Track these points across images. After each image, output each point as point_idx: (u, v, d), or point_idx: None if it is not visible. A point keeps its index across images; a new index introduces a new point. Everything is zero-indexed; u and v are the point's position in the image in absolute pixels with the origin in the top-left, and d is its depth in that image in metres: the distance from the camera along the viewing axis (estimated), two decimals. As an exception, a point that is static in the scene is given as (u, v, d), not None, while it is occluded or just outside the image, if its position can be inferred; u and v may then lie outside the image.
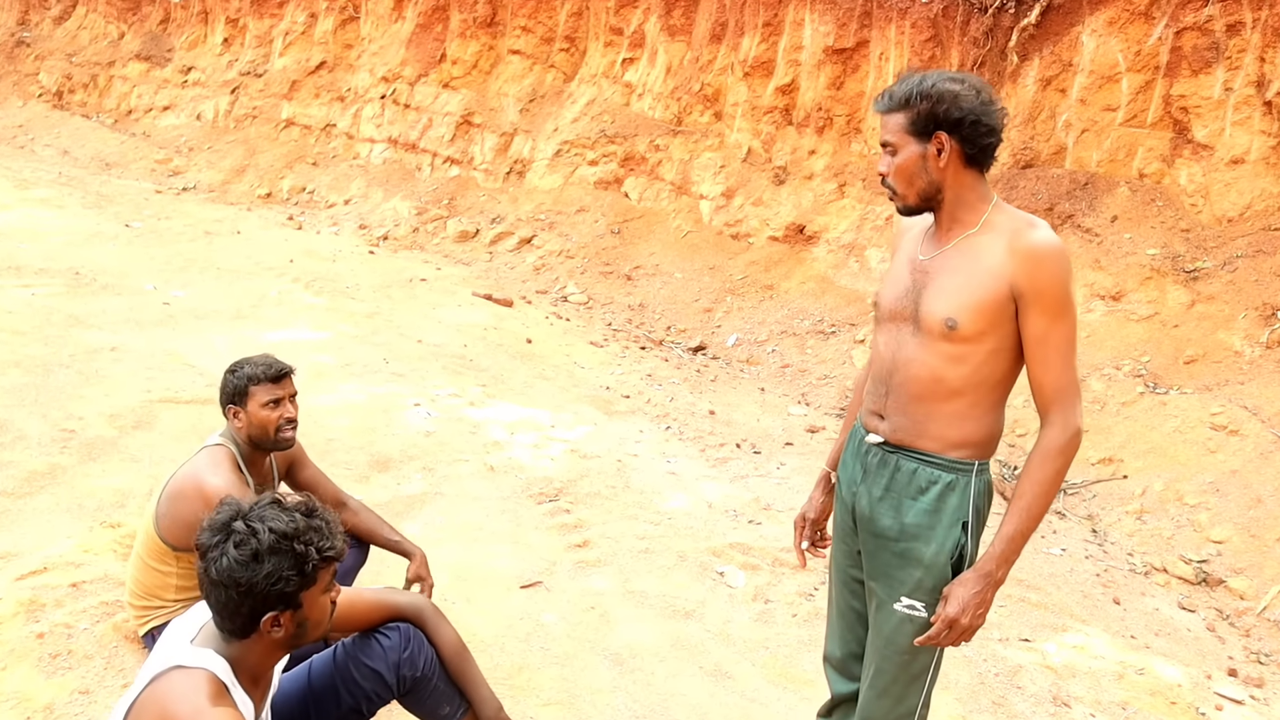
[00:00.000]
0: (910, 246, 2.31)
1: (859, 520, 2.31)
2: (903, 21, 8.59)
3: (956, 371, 2.12)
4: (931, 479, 2.17)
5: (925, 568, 2.18)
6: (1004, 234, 2.11)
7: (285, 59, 12.96)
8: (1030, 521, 2.08)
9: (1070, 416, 2.08)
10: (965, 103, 2.10)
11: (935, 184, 2.17)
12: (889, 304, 2.27)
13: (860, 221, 8.63)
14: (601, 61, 10.75)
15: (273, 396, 2.95)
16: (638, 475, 5.19)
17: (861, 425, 2.35)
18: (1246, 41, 7.06)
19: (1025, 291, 2.05)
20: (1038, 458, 2.09)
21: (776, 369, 7.61)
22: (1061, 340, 2.06)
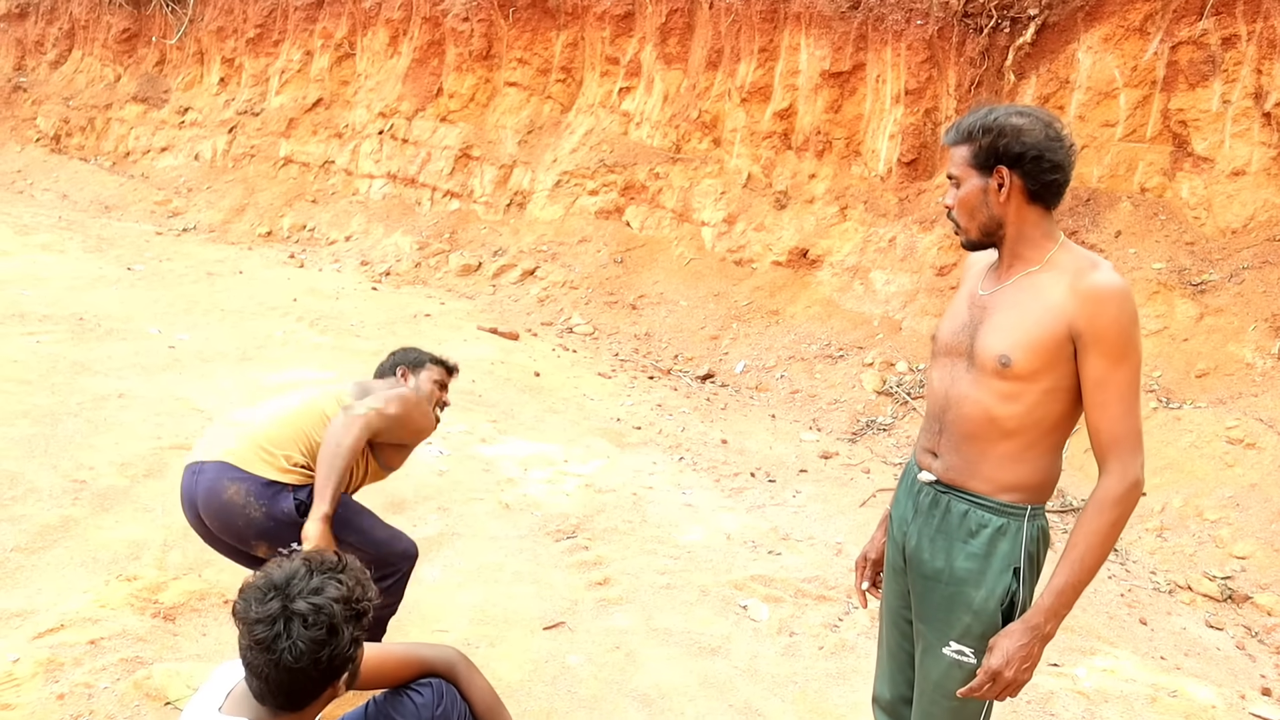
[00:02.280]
0: (972, 282, 2.26)
1: (909, 560, 2.26)
2: (898, 44, 8.62)
3: (1009, 410, 2.06)
4: (982, 522, 2.12)
5: (974, 613, 2.12)
6: (1066, 273, 2.04)
7: (282, 97, 13.00)
8: (1084, 574, 1.99)
9: (1129, 466, 1.99)
10: (1028, 137, 2.05)
11: (996, 219, 2.12)
12: (946, 338, 2.22)
13: (863, 244, 8.63)
14: (598, 91, 10.78)
15: (443, 380, 3.34)
16: (654, 508, 5.15)
17: (915, 462, 2.31)
18: (1242, 54, 7.09)
19: (1084, 333, 1.99)
20: (1093, 508, 2.01)
21: (786, 395, 7.58)
22: (1122, 385, 1.99)
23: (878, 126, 8.88)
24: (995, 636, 2.05)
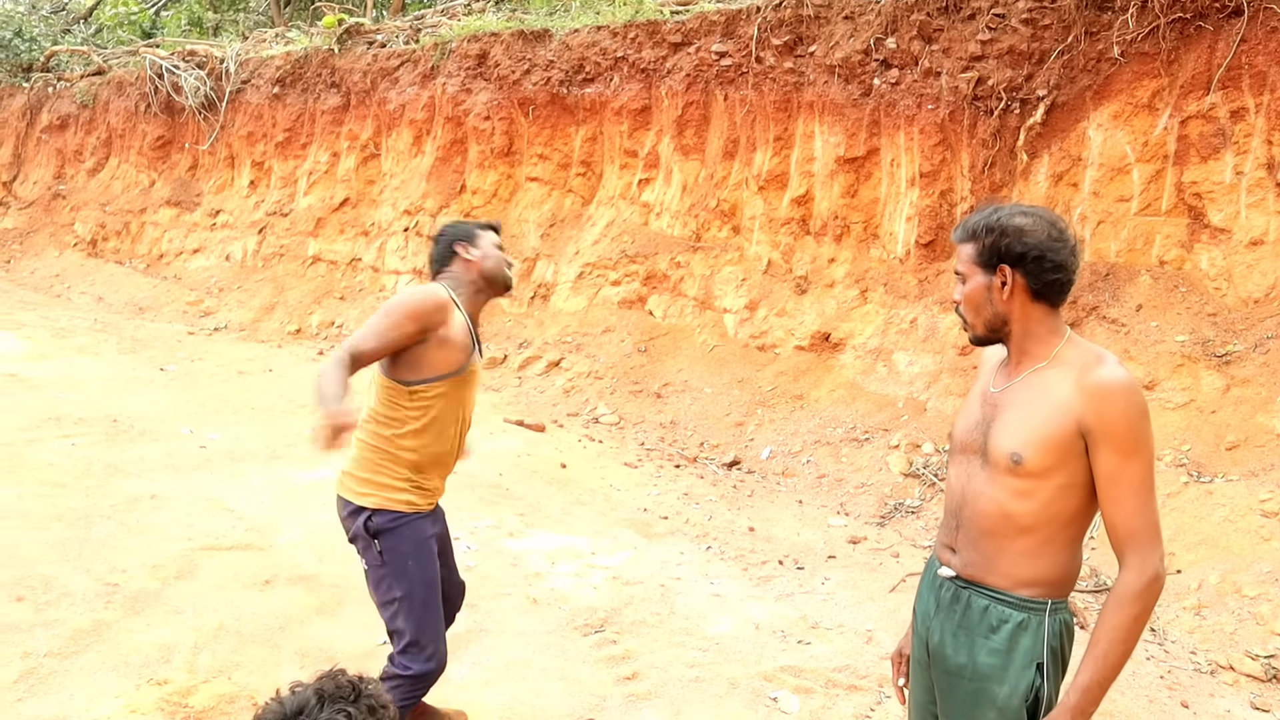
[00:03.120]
0: (985, 379, 2.31)
1: (932, 655, 2.26)
2: (911, 128, 8.77)
3: (1024, 507, 2.08)
4: (1002, 618, 2.12)
5: (999, 709, 2.11)
6: (1073, 369, 2.08)
7: (310, 198, 13.34)
8: (1108, 671, 1.99)
9: (1147, 560, 2.00)
10: (1030, 238, 2.10)
11: (1001, 316, 2.17)
12: (960, 436, 2.26)
13: (885, 326, 8.67)
14: (618, 183, 10.99)
15: (498, 242, 3.21)
16: (682, 599, 5.12)
17: (935, 556, 2.32)
18: (1252, 126, 7.16)
19: (1094, 429, 2.01)
20: (1113, 604, 2.01)
21: (813, 480, 7.56)
22: (1135, 479, 2.00)
23: (894, 209, 8.99)
24: None
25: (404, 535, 3.06)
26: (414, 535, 3.07)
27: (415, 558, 3.05)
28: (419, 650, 3.07)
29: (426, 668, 3.08)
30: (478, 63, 11.83)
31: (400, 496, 3.06)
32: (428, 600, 3.07)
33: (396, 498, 3.06)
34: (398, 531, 3.06)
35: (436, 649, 3.11)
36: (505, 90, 11.42)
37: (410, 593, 3.04)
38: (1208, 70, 7.28)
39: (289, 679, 3.85)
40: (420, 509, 3.11)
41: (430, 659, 3.09)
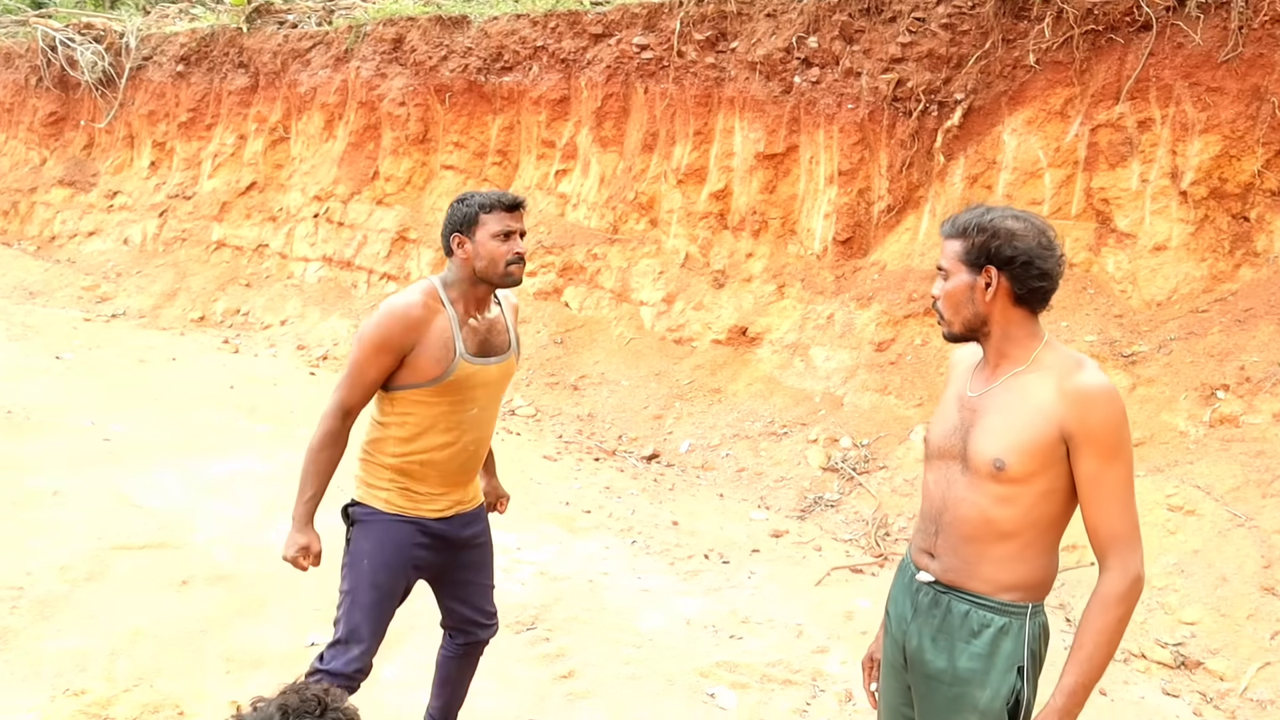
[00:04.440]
0: (960, 381, 2.30)
1: (910, 659, 2.27)
2: (830, 126, 8.88)
3: (1006, 513, 2.10)
4: (984, 622, 2.14)
5: (980, 713, 2.14)
6: (1053, 373, 2.09)
7: (214, 181, 12.90)
8: (1093, 672, 2.03)
9: (1129, 562, 2.04)
10: (1020, 242, 2.10)
11: (981, 316, 2.17)
12: (938, 441, 2.25)
13: (802, 321, 8.77)
14: (535, 174, 10.89)
15: (505, 228, 2.88)
16: (611, 595, 5.11)
17: (911, 562, 2.33)
18: (1158, 136, 7.44)
19: (1076, 434, 2.03)
20: (1096, 606, 2.04)
21: (733, 473, 7.62)
22: (1116, 483, 2.04)
23: (812, 206, 9.10)
24: None
25: (371, 532, 2.96)
26: (382, 534, 2.96)
27: (373, 557, 2.94)
28: (344, 650, 2.96)
29: (345, 669, 2.95)
30: (393, 47, 11.58)
31: (379, 494, 2.98)
32: (372, 604, 2.95)
33: (376, 494, 2.98)
34: (367, 526, 2.97)
35: (362, 655, 2.97)
36: (421, 76, 11.20)
37: (354, 590, 2.96)
38: (1117, 81, 7.54)
39: (214, 685, 3.73)
40: (403, 511, 2.97)
41: (351, 663, 2.96)
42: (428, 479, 2.98)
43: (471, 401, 2.96)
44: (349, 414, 2.92)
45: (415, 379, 2.86)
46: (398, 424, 2.93)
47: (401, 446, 2.94)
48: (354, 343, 2.89)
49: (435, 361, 2.85)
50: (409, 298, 2.88)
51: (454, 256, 2.94)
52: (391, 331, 2.83)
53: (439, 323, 2.88)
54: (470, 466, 3.05)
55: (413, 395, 2.89)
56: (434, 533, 3.03)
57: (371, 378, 2.86)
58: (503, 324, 3.08)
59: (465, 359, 2.90)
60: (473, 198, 2.92)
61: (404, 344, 2.83)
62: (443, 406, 2.92)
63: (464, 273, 2.92)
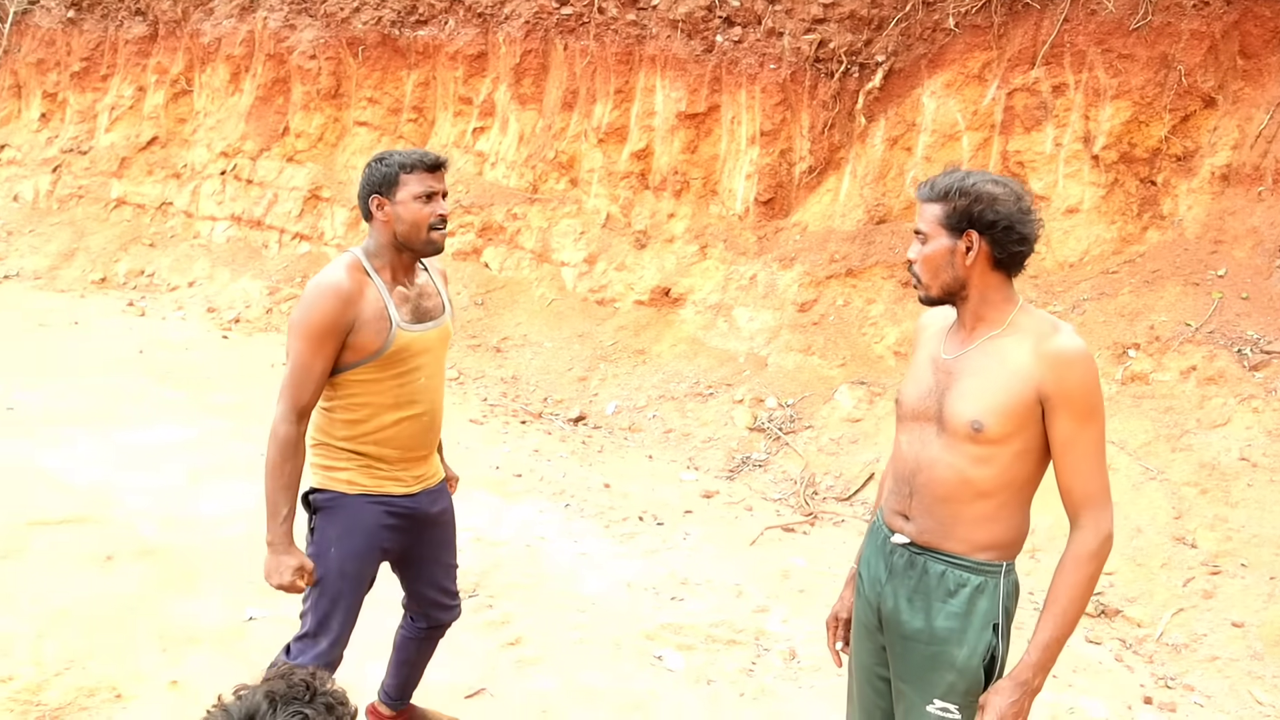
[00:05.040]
0: (932, 344, 2.32)
1: (885, 620, 2.31)
2: (752, 86, 8.89)
3: (983, 473, 2.13)
4: (960, 582, 2.19)
5: (958, 671, 2.19)
6: (1029, 336, 2.13)
7: (113, 135, 12.32)
8: (1066, 627, 2.09)
9: (1101, 520, 2.10)
10: (1002, 207, 2.12)
11: (960, 280, 2.19)
12: (911, 403, 2.28)
13: (725, 282, 8.82)
14: (452, 131, 10.68)
15: (426, 189, 2.74)
16: (550, 560, 5.10)
17: (884, 524, 2.36)
18: (1071, 101, 7.63)
19: (1052, 395, 2.07)
20: (1070, 562, 2.10)
21: (660, 434, 7.65)
22: (1090, 443, 2.09)
23: (734, 167, 9.11)
24: (986, 695, 2.12)
25: (336, 518, 2.83)
26: (348, 519, 2.83)
27: (341, 545, 2.82)
28: (313, 643, 2.85)
29: (315, 664, 2.78)
30: (301, -3, 11.18)
31: (340, 475, 2.83)
32: (342, 595, 2.84)
33: (336, 477, 2.84)
34: (333, 512, 2.84)
35: (332, 648, 2.88)
36: (333, 29, 10.84)
37: (323, 581, 2.82)
38: (1033, 46, 7.70)
39: (150, 664, 3.63)
40: (368, 490, 2.84)
41: (321, 656, 2.86)
42: (387, 456, 2.86)
43: (417, 371, 2.84)
44: (303, 415, 2.73)
45: (355, 357, 2.72)
46: (343, 406, 2.80)
47: (352, 429, 2.81)
48: (291, 336, 2.70)
49: (374, 334, 2.72)
50: (334, 273, 2.72)
51: (373, 220, 2.79)
52: (330, 312, 2.67)
53: (370, 294, 2.74)
54: (429, 439, 2.96)
55: (356, 375, 2.75)
56: (401, 511, 2.91)
57: (320, 369, 2.69)
58: (432, 288, 2.96)
59: (402, 327, 2.76)
60: (391, 156, 2.76)
61: (344, 322, 2.68)
62: (389, 381, 2.79)
63: (385, 238, 2.78)
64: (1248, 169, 7.23)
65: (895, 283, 7.99)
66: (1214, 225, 7.28)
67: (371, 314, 2.71)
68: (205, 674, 3.66)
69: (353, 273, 2.73)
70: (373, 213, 2.77)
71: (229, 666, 3.72)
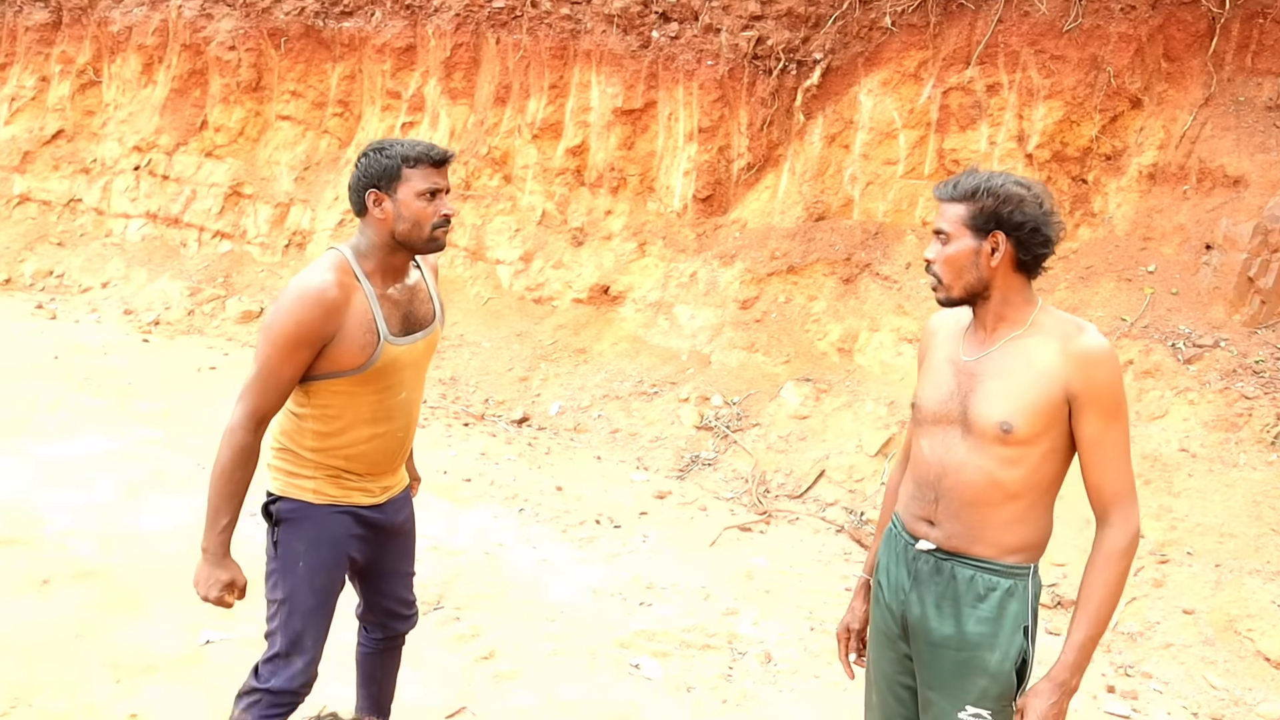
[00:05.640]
0: (948, 347, 2.28)
1: (911, 628, 2.27)
2: (690, 83, 8.84)
3: (1012, 475, 2.11)
4: (990, 586, 2.16)
5: (990, 676, 2.16)
6: (1054, 336, 2.11)
7: (14, 127, 11.70)
8: (1100, 626, 2.08)
9: (1131, 517, 2.10)
10: (1029, 209, 2.10)
11: (984, 281, 2.15)
12: (932, 407, 2.23)
13: (665, 279, 8.77)
14: (380, 126, 10.41)
15: (431, 185, 2.52)
16: (510, 568, 4.99)
17: (905, 530, 2.31)
18: (1005, 101, 7.76)
19: (1080, 394, 2.07)
20: (1101, 560, 2.10)
21: (606, 435, 7.56)
22: (1118, 442, 2.09)
23: (671, 163, 9.06)
24: (1025, 698, 2.10)
25: (302, 529, 2.63)
26: (315, 531, 2.63)
27: (309, 558, 2.63)
28: (286, 664, 2.66)
29: (290, 685, 2.67)
30: (218, -14, 10.77)
31: (306, 484, 2.63)
32: (314, 610, 2.66)
33: (302, 485, 2.63)
34: (296, 524, 2.63)
35: (307, 667, 2.69)
36: (253, 19, 10.46)
37: (292, 596, 2.64)
38: (968, 46, 7.80)
39: (104, 697, 3.43)
40: (336, 500, 2.65)
41: (296, 677, 2.67)
42: (356, 469, 2.67)
43: (399, 386, 2.64)
44: (262, 423, 2.52)
45: (334, 368, 2.52)
46: (316, 416, 2.60)
47: (322, 440, 2.61)
48: (262, 337, 2.47)
49: (358, 349, 2.50)
50: (322, 278, 2.48)
51: (368, 216, 2.54)
52: (309, 321, 2.44)
53: (357, 302, 2.51)
54: (400, 454, 2.79)
55: (333, 386, 2.55)
56: (369, 522, 2.73)
57: (288, 376, 2.47)
58: (424, 290, 2.73)
59: (390, 340, 2.55)
60: (393, 147, 2.52)
61: (324, 334, 2.46)
62: (367, 395, 2.58)
63: (380, 237, 2.54)
64: (1173, 168, 7.44)
65: (837, 279, 8.03)
66: (1143, 223, 7.48)
67: (357, 326, 2.50)
68: (165, 705, 3.46)
69: (341, 278, 2.50)
70: (368, 208, 2.53)
71: (190, 696, 3.53)
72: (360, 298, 2.53)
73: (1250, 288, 6.72)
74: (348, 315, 2.49)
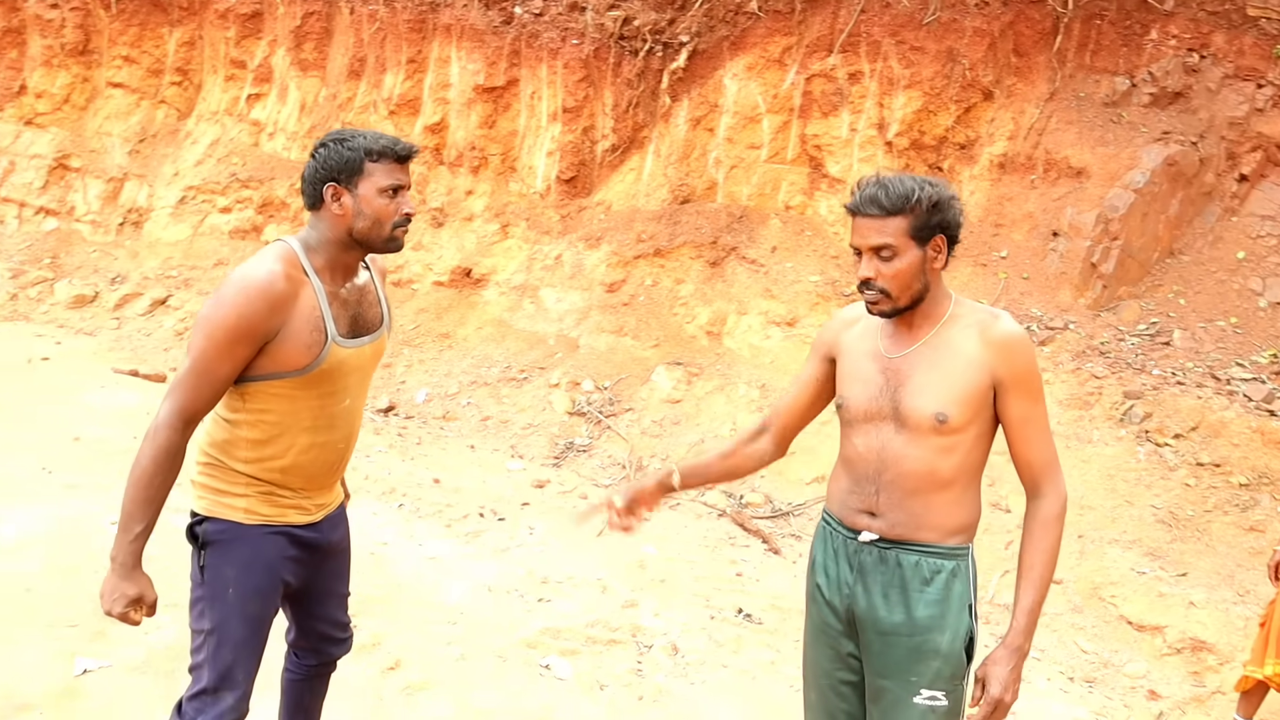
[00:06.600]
0: (865, 343, 2.32)
1: (860, 621, 2.30)
2: (554, 61, 8.71)
3: (948, 462, 2.20)
4: (935, 569, 2.22)
5: (943, 657, 2.22)
6: (973, 326, 2.21)
7: None
8: (1044, 589, 2.18)
9: (1059, 485, 2.23)
10: (956, 207, 2.18)
11: (927, 286, 2.21)
12: (862, 405, 2.27)
13: (529, 262, 8.64)
14: (223, 97, 9.85)
15: (394, 182, 2.34)
16: (398, 568, 4.82)
17: (842, 526, 2.33)
18: (866, 89, 7.97)
19: (1005, 379, 2.17)
20: (1039, 529, 2.21)
21: (477, 423, 7.42)
22: (1042, 419, 2.21)
23: (534, 143, 8.92)
24: (983, 667, 2.18)
25: (233, 553, 2.41)
26: (247, 554, 2.42)
27: (240, 584, 2.41)
28: (214, 701, 2.42)
29: None
30: (34, -61, 9.92)
31: (236, 503, 2.41)
32: (245, 640, 2.44)
33: (231, 504, 2.41)
34: (227, 546, 2.41)
35: (238, 703, 2.45)
36: (77, -23, 9.69)
37: (221, 626, 2.41)
38: (831, 34, 7.96)
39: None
40: (268, 520, 2.44)
41: (226, 715, 2.44)
42: (292, 484, 2.47)
43: (343, 392, 2.46)
44: (191, 423, 2.30)
45: (275, 368, 2.32)
46: (251, 423, 2.39)
47: (257, 450, 2.40)
48: (198, 330, 2.25)
49: (304, 348, 2.32)
50: (269, 268, 2.28)
51: (323, 210, 2.36)
52: (253, 315, 2.23)
53: (305, 298, 2.32)
54: (340, 467, 2.59)
55: (272, 388, 2.35)
56: (304, 542, 2.52)
57: (224, 374, 2.27)
58: (373, 293, 2.54)
59: (338, 342, 2.37)
60: (355, 139, 2.34)
61: (267, 329, 2.26)
62: (309, 400, 2.40)
63: (335, 233, 2.36)
64: (1021, 158, 7.82)
65: (703, 263, 8.09)
66: (994, 210, 7.84)
67: (304, 324, 2.32)
68: (45, 739, 3.18)
69: (289, 270, 2.30)
70: (325, 202, 2.35)
71: (72, 728, 3.25)
72: (309, 293, 2.34)
73: (1093, 273, 7.15)
74: (294, 311, 2.30)
